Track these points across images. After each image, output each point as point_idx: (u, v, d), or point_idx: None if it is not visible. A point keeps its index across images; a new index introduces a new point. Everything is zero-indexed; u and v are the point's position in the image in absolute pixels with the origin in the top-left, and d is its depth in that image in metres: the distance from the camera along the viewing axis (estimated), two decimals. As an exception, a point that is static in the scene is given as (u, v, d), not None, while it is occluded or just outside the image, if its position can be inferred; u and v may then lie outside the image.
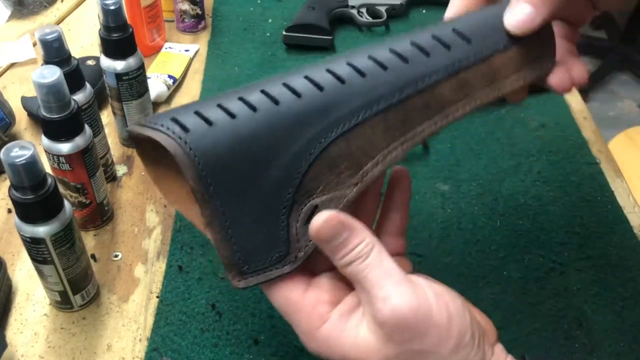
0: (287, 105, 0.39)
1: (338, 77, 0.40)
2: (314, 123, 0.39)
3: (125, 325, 0.54)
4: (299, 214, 0.39)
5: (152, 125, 0.38)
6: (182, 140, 0.37)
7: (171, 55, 0.84)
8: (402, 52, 0.41)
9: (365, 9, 0.93)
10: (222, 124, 0.38)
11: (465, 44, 0.42)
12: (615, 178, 0.71)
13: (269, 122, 0.38)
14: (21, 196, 0.46)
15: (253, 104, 0.39)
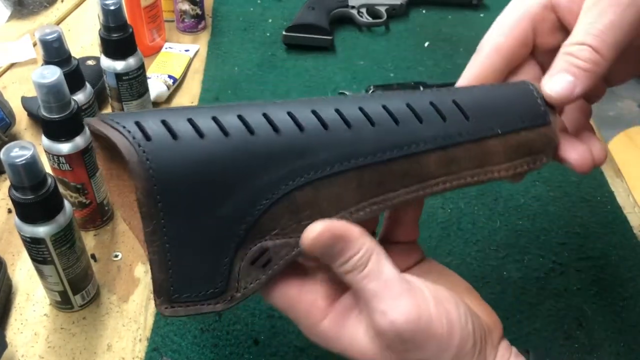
0: (263, 137, 0.36)
1: (322, 122, 0.37)
2: (286, 163, 0.36)
3: (125, 325, 0.54)
4: (247, 252, 0.37)
5: (113, 124, 0.35)
6: (140, 148, 0.34)
7: (171, 55, 0.84)
8: (395, 112, 0.38)
9: (365, 9, 0.93)
10: (188, 141, 0.35)
11: (462, 119, 0.39)
12: (615, 178, 0.71)
13: (239, 150, 0.36)
14: (21, 196, 0.46)
15: (226, 128, 0.36)
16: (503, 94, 0.41)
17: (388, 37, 0.92)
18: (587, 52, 0.39)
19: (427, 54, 0.88)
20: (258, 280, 0.37)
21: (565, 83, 0.39)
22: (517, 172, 0.41)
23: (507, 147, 0.40)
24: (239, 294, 0.37)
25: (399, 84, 0.76)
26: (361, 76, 0.83)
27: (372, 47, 0.89)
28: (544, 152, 0.41)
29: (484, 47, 0.44)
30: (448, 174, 0.39)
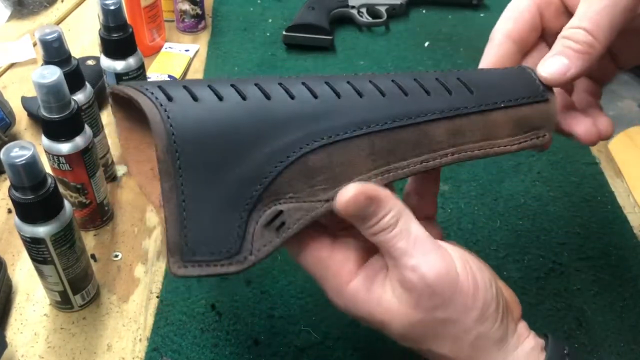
0: (279, 102, 0.38)
1: (335, 91, 0.39)
2: (301, 127, 0.38)
3: (125, 326, 0.54)
4: (261, 214, 0.37)
5: (138, 88, 0.37)
6: (162, 107, 0.35)
7: (171, 55, 0.84)
8: (404, 85, 0.40)
9: (365, 9, 0.93)
10: (208, 103, 0.37)
11: (467, 93, 0.41)
12: (615, 178, 0.71)
13: (256, 113, 0.37)
14: (21, 196, 0.46)
15: (244, 93, 0.37)
16: (503, 74, 0.44)
17: (388, 37, 0.92)
18: (582, 35, 0.41)
19: (427, 54, 0.88)
20: (272, 242, 0.38)
21: (558, 65, 0.41)
22: (521, 146, 0.42)
23: (510, 120, 0.42)
24: (252, 256, 0.37)
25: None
26: (361, 76, 0.83)
27: (372, 47, 0.89)
28: (545, 127, 0.43)
29: (496, 36, 0.46)
30: (456, 144, 0.41)
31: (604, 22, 0.40)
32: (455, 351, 0.38)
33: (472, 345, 0.38)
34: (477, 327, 0.38)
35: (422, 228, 0.38)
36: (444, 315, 0.37)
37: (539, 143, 0.43)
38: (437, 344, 0.38)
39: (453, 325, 0.38)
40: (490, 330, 0.38)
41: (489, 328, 0.38)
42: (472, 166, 0.71)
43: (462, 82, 0.42)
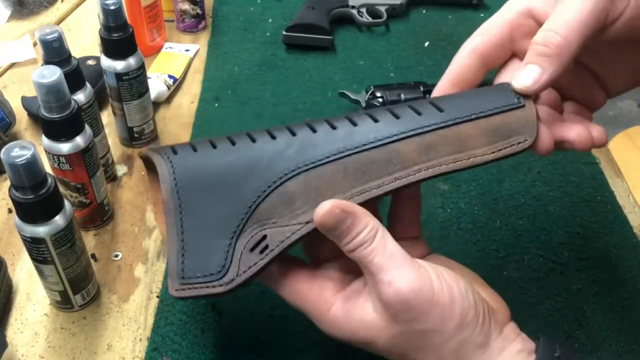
0: (262, 143, 0.44)
1: (312, 128, 0.44)
2: (281, 161, 0.43)
3: (125, 325, 0.55)
4: (248, 240, 0.42)
5: (157, 150, 0.45)
6: (168, 160, 0.44)
7: (171, 55, 0.84)
8: (376, 115, 0.44)
9: (365, 9, 0.93)
10: (204, 152, 0.44)
11: (437, 112, 0.44)
12: (615, 178, 0.71)
13: (242, 154, 0.43)
14: (21, 196, 0.46)
15: (234, 140, 0.44)
16: (477, 91, 0.46)
17: (388, 37, 0.92)
18: (551, 37, 0.41)
19: (427, 54, 0.88)
20: (256, 264, 0.42)
21: (531, 74, 0.42)
22: (500, 154, 0.43)
23: (483, 130, 0.44)
24: (238, 277, 0.41)
25: (399, 84, 0.76)
26: (361, 76, 0.83)
27: (372, 47, 0.89)
28: (524, 132, 0.44)
29: (463, 49, 0.48)
30: (429, 159, 0.43)
31: (575, 23, 0.41)
32: (439, 359, 0.39)
33: (455, 353, 0.39)
34: (457, 335, 0.39)
35: (397, 245, 0.40)
36: (423, 327, 0.39)
37: (519, 149, 0.44)
38: (421, 354, 0.40)
39: (433, 336, 0.39)
40: (471, 336, 0.39)
41: (470, 334, 0.39)
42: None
43: (432, 104, 0.44)
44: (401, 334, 0.39)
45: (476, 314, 0.39)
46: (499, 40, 0.47)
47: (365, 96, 0.74)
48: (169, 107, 0.78)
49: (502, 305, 0.43)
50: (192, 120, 0.76)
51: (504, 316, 0.42)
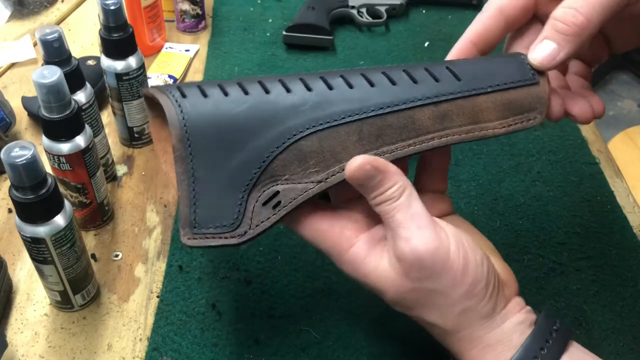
0: (277, 95, 0.43)
1: (328, 85, 0.43)
2: (296, 116, 0.42)
3: (125, 325, 0.55)
4: (260, 194, 0.42)
5: (161, 89, 0.43)
6: (177, 103, 0.41)
7: (171, 55, 0.84)
8: (393, 76, 0.44)
9: (365, 9, 0.93)
10: (215, 98, 0.42)
11: (455, 80, 0.44)
12: (615, 178, 0.71)
13: (256, 105, 0.42)
14: (21, 196, 0.46)
15: (247, 89, 0.43)
16: (494, 61, 0.46)
17: (388, 37, 0.92)
18: (572, 15, 0.41)
19: (427, 54, 0.88)
20: (269, 218, 0.42)
21: (548, 50, 0.42)
22: (510, 129, 0.44)
23: (497, 104, 0.44)
24: (251, 230, 0.42)
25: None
26: (361, 76, 0.83)
27: (372, 47, 0.89)
28: (536, 109, 0.45)
29: (488, 8, 0.47)
30: (443, 129, 0.43)
31: (596, 3, 0.40)
32: (441, 320, 0.41)
33: (458, 317, 0.40)
34: (463, 302, 0.40)
35: (423, 207, 0.41)
36: (432, 287, 0.40)
37: (529, 125, 0.45)
38: (426, 311, 0.41)
39: (440, 297, 0.40)
40: (477, 306, 0.40)
41: (476, 304, 0.40)
42: (472, 166, 0.71)
43: (450, 71, 0.44)
44: (410, 291, 0.40)
45: (486, 285, 0.40)
46: (524, 2, 0.46)
47: (365, 96, 0.74)
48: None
49: (512, 279, 0.44)
50: (192, 120, 0.76)
51: (513, 289, 0.43)
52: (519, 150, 0.73)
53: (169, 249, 0.61)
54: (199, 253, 0.60)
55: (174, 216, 0.64)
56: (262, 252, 0.61)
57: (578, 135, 0.75)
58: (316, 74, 0.44)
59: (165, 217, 0.64)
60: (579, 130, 0.76)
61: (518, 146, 0.74)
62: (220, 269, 0.59)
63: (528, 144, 0.74)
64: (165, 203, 0.65)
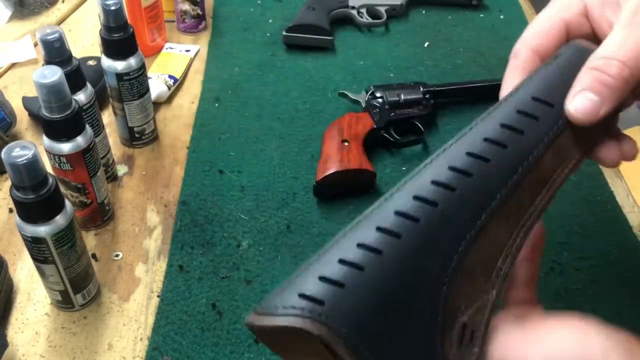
0: (408, 235, 0.36)
1: (446, 186, 0.37)
2: (440, 244, 0.36)
3: (126, 325, 0.55)
4: (452, 340, 0.36)
5: (280, 312, 0.34)
6: (322, 316, 0.33)
7: (172, 55, 0.84)
8: (497, 139, 0.39)
9: (365, 10, 0.93)
10: (353, 282, 0.34)
11: (549, 109, 0.39)
12: (614, 178, 0.71)
13: (397, 260, 0.35)
14: (22, 196, 0.46)
15: (376, 247, 0.35)
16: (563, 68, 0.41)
17: (388, 37, 0.92)
18: (616, 67, 0.37)
19: (427, 54, 0.88)
20: (473, 354, 0.37)
21: (589, 102, 0.38)
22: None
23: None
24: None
25: (399, 84, 0.76)
26: (361, 76, 0.83)
27: (372, 47, 0.89)
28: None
29: (522, 52, 0.43)
30: (561, 163, 0.40)
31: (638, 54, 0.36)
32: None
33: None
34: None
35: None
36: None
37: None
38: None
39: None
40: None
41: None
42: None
43: (538, 100, 0.40)
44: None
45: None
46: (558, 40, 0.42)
47: (365, 96, 0.75)
48: (170, 107, 0.78)
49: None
50: (193, 120, 0.76)
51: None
52: (518, 150, 0.73)
53: (169, 249, 0.61)
54: (199, 253, 0.60)
55: (174, 216, 0.64)
56: (262, 252, 0.61)
57: (578, 136, 0.75)
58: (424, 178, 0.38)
59: (165, 217, 0.64)
60: (579, 131, 0.76)
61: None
62: (220, 269, 0.59)
63: (528, 144, 0.74)
64: (166, 203, 0.65)
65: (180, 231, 0.62)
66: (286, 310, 0.34)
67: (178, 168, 0.69)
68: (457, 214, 0.37)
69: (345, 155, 0.66)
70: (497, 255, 0.38)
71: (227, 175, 0.68)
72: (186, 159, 0.70)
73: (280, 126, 0.75)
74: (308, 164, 0.70)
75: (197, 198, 0.66)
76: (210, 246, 0.61)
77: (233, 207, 0.65)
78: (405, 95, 0.73)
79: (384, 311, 0.35)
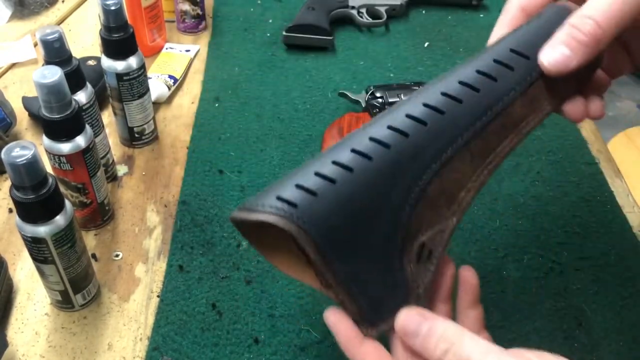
0: (379, 158, 0.40)
1: (419, 120, 0.41)
2: (407, 170, 0.40)
3: (126, 325, 0.55)
4: (411, 256, 0.40)
5: (259, 209, 0.39)
6: (294, 217, 0.38)
7: (172, 55, 0.84)
8: (472, 83, 0.42)
9: (365, 10, 0.93)
10: (324, 192, 0.39)
11: (525, 61, 0.43)
12: (614, 178, 0.71)
13: (366, 179, 0.39)
14: (22, 196, 0.46)
15: (348, 165, 0.39)
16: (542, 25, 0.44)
17: (388, 37, 0.92)
18: (590, 26, 0.40)
19: (427, 54, 0.88)
20: (429, 271, 0.41)
21: (560, 55, 0.41)
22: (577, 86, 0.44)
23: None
24: (420, 289, 0.41)
25: (399, 84, 0.76)
26: (361, 76, 0.83)
27: (372, 47, 0.89)
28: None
29: (510, 9, 0.46)
30: (532, 112, 0.43)
31: (616, 15, 0.39)
32: None
33: None
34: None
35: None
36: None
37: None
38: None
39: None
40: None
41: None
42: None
43: (516, 52, 0.43)
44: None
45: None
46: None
47: (365, 96, 0.75)
48: (170, 108, 0.78)
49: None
50: (193, 120, 0.76)
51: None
52: (519, 150, 0.73)
53: (169, 249, 0.61)
54: (199, 253, 0.60)
55: (174, 216, 0.64)
56: (262, 252, 0.61)
57: (578, 136, 0.76)
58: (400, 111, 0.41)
59: (165, 217, 0.64)
60: (579, 131, 0.76)
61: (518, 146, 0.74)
62: (220, 269, 0.59)
63: (528, 144, 0.74)
64: (166, 203, 0.65)
65: (180, 231, 0.62)
66: (264, 209, 0.39)
67: (178, 168, 0.69)
68: (426, 146, 0.41)
69: (345, 155, 0.66)
70: (460, 187, 0.42)
71: (227, 175, 0.68)
72: (186, 159, 0.70)
73: (280, 126, 0.75)
74: (308, 164, 0.70)
75: (197, 198, 0.66)
76: (210, 246, 0.61)
77: (233, 207, 0.65)
78: (405, 96, 0.73)
79: (350, 221, 0.39)
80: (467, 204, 0.42)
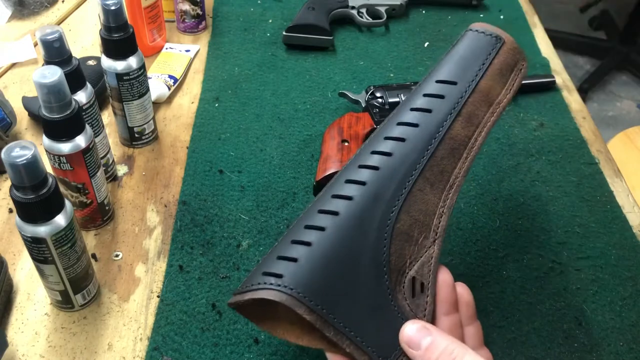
0: (344, 211, 0.43)
1: (372, 167, 0.45)
2: (373, 214, 0.43)
3: (126, 325, 0.55)
4: (403, 292, 0.43)
5: (249, 288, 0.42)
6: (281, 286, 0.41)
7: (172, 55, 0.84)
8: (410, 120, 0.47)
9: (365, 10, 0.93)
10: (303, 256, 0.42)
11: (452, 86, 0.47)
12: (614, 178, 0.71)
13: (339, 232, 0.43)
14: (22, 196, 0.46)
15: (320, 225, 0.43)
16: (462, 49, 0.50)
17: (388, 37, 0.92)
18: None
19: (427, 54, 0.88)
20: (427, 302, 0.43)
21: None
22: (515, 88, 0.50)
23: (494, 78, 0.49)
24: (426, 320, 0.43)
25: (399, 84, 0.76)
26: (361, 76, 0.83)
27: (372, 47, 0.89)
28: (519, 59, 0.51)
29: None
30: (475, 127, 0.47)
31: None
32: None
33: None
34: None
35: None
36: None
37: (524, 74, 0.50)
38: None
39: None
40: None
41: None
42: (472, 166, 0.71)
43: (442, 82, 0.47)
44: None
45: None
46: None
47: (365, 96, 0.75)
48: (170, 107, 0.78)
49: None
50: (193, 120, 0.76)
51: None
52: (518, 150, 0.73)
53: (169, 249, 0.61)
54: (199, 253, 0.60)
55: (174, 216, 0.64)
56: (262, 252, 0.61)
57: (578, 136, 0.76)
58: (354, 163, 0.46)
59: (165, 217, 0.64)
60: (579, 131, 0.76)
61: (518, 146, 0.74)
62: (220, 269, 0.59)
63: (528, 144, 0.74)
64: (166, 203, 0.65)
65: (180, 231, 0.62)
66: (252, 287, 0.42)
67: (178, 168, 0.69)
68: (383, 188, 0.44)
69: (345, 155, 0.66)
70: (430, 215, 0.45)
71: (227, 175, 0.68)
72: (186, 159, 0.70)
73: (280, 126, 0.75)
74: (308, 164, 0.70)
75: (197, 198, 0.66)
76: (210, 246, 0.61)
77: (233, 207, 0.65)
78: (405, 96, 0.73)
79: (335, 275, 0.42)
80: (443, 229, 0.45)
